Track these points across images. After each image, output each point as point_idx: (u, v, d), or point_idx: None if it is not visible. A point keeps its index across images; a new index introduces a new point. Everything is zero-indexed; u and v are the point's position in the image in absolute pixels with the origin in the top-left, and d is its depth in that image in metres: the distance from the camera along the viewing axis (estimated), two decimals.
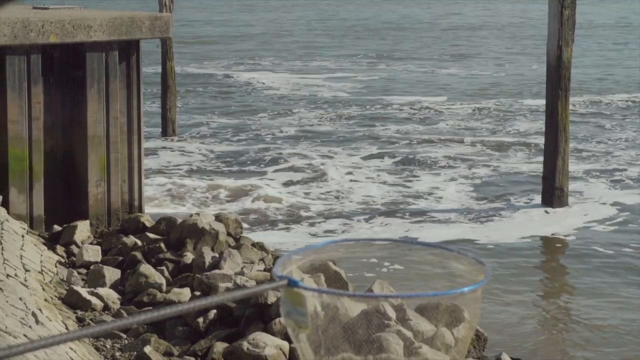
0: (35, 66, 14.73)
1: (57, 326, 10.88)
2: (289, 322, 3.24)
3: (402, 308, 10.97)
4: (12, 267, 12.06)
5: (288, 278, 3.23)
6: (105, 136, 15.28)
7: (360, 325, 3.82)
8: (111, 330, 4.25)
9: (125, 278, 12.93)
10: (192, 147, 24.82)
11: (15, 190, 14.67)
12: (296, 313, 3.23)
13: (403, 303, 10.99)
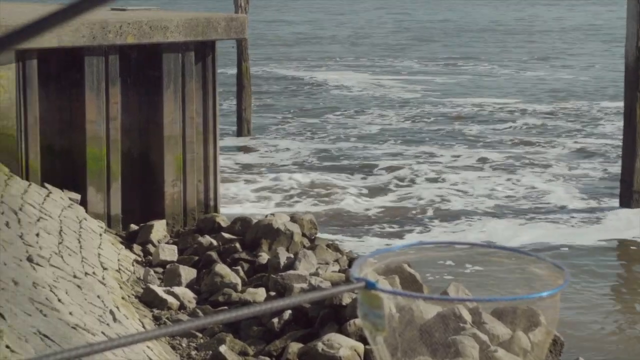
0: (113, 67, 14.89)
1: (133, 324, 10.98)
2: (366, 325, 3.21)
3: (478, 311, 10.89)
4: (90, 265, 12.21)
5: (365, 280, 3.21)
6: (181, 136, 15.39)
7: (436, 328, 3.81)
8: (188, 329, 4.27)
9: (200, 277, 13.02)
10: (267, 147, 24.91)
11: (93, 190, 14.85)
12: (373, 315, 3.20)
13: (478, 306, 10.91)
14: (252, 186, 20.87)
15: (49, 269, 10.90)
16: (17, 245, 11.07)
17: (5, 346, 6.95)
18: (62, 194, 14.23)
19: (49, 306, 9.48)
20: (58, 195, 14.07)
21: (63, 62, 14.67)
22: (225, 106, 28.30)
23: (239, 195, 20.10)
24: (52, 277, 10.69)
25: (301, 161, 23.48)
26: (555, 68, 41.84)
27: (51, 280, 10.56)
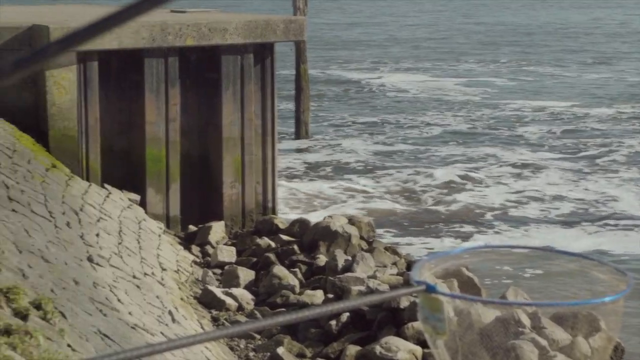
0: (172, 68, 14.98)
1: (192, 325, 11.03)
2: (426, 328, 3.19)
3: (537, 316, 10.78)
4: (149, 265, 12.29)
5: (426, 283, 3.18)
6: (240, 138, 15.43)
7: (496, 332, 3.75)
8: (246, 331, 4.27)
9: (259, 279, 13.04)
10: (325, 149, 24.90)
11: (152, 191, 14.95)
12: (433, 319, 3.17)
13: (537, 311, 10.80)
14: (309, 187, 20.88)
15: (108, 269, 10.99)
16: (78, 245, 11.17)
17: (66, 345, 7.01)
18: (122, 195, 14.34)
19: (109, 306, 9.55)
20: (118, 196, 14.18)
21: (123, 64, 14.78)
22: (283, 108, 28.37)
23: (298, 196, 20.11)
24: (112, 277, 10.77)
25: (360, 163, 23.43)
26: (618, 71, 41.36)
27: (111, 280, 10.64)
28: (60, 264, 9.86)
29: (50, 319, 7.24)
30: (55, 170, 13.35)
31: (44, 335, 6.63)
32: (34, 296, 7.48)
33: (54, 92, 14.17)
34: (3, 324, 6.22)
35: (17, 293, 6.97)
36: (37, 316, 7.06)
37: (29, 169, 12.26)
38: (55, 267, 9.57)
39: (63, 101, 14.22)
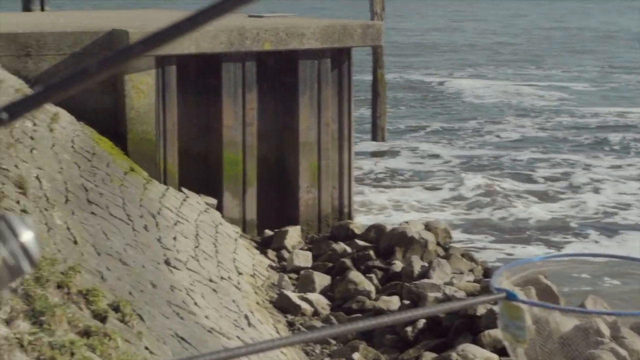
0: (250, 73, 15.04)
1: (268, 329, 11.04)
2: (506, 336, 3.14)
3: (617, 325, 10.59)
4: (225, 269, 12.34)
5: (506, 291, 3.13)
6: (316, 143, 15.44)
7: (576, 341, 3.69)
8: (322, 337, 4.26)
9: (334, 284, 13.02)
10: (401, 154, 24.81)
11: (229, 195, 15.02)
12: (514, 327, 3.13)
13: (617, 320, 10.61)
14: (386, 192, 20.80)
15: (185, 273, 11.05)
16: (155, 249, 11.25)
17: (144, 347, 7.05)
18: (199, 199, 14.42)
19: (186, 309, 9.60)
20: (195, 200, 14.27)
21: (201, 68, 14.88)
22: (359, 113, 28.31)
23: (373, 202, 20.04)
24: (189, 281, 10.82)
25: (438, 168, 23.29)
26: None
27: (188, 283, 10.70)
28: (137, 266, 9.94)
29: (128, 321, 7.29)
30: (133, 174, 13.48)
31: (122, 337, 6.68)
32: (113, 298, 7.54)
33: (133, 96, 14.31)
34: (83, 326, 6.27)
35: (96, 295, 7.03)
36: (115, 318, 7.12)
37: (108, 172, 12.39)
38: (133, 269, 9.64)
39: (142, 105, 14.36)
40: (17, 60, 14.13)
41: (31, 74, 14.12)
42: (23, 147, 10.78)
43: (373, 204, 19.84)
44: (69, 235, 9.18)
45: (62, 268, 7.30)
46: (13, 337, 5.53)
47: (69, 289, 6.98)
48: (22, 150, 10.65)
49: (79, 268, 7.63)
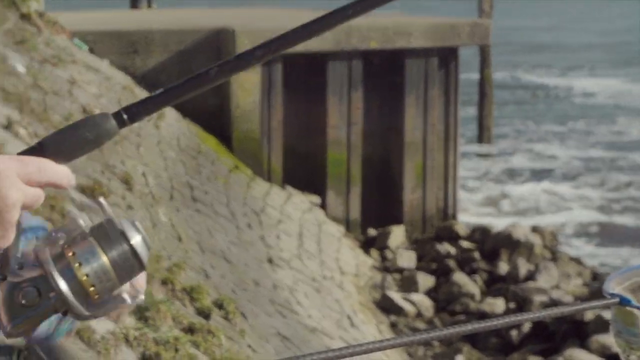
0: (356, 72, 14.96)
1: (370, 330, 10.96)
2: (619, 342, 2.99)
3: None
4: (328, 269, 12.28)
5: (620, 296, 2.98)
6: (422, 143, 15.29)
7: None
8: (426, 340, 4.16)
9: (438, 285, 12.87)
10: (508, 155, 24.48)
11: (333, 194, 14.97)
12: (628, 333, 2.97)
13: None
14: (491, 193, 20.54)
15: (288, 271, 11.03)
16: (258, 247, 11.26)
17: (247, 345, 7.03)
18: (303, 197, 14.41)
19: (289, 308, 9.57)
20: (298, 198, 14.25)
21: (307, 67, 14.85)
22: (465, 113, 28.00)
23: (479, 203, 19.81)
24: (292, 280, 10.80)
25: (545, 169, 22.90)
26: None
27: (290, 282, 10.67)
28: (241, 264, 9.95)
29: (231, 319, 7.27)
30: (238, 172, 13.52)
31: (226, 334, 6.66)
32: (216, 296, 7.54)
33: (239, 95, 14.36)
34: (187, 322, 6.27)
35: (200, 292, 7.03)
36: (219, 316, 7.11)
37: (213, 170, 12.45)
38: (236, 267, 9.65)
39: (247, 103, 14.40)
40: (124, 58, 14.30)
41: (138, 70, 14.27)
42: (129, 144, 10.89)
43: (478, 204, 19.61)
44: (174, 232, 9.22)
45: (167, 265, 7.32)
46: (119, 332, 5.55)
47: (174, 286, 6.99)
48: (129, 147, 10.76)
49: (183, 265, 7.65)
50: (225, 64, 1.40)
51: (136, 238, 1.32)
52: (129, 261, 1.31)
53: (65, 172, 1.32)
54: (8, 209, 1.25)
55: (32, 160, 1.29)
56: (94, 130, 1.34)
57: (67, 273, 1.29)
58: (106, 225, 1.32)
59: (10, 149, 7.61)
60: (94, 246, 1.30)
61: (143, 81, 13.97)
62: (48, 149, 1.31)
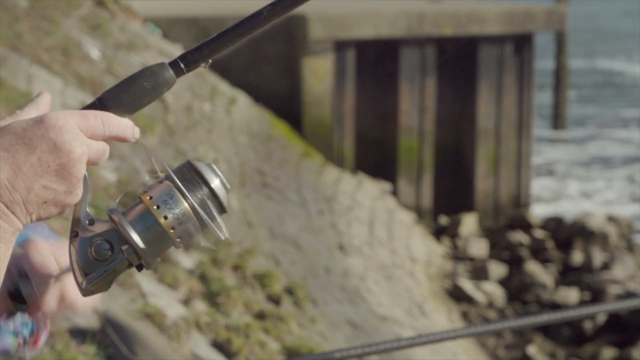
0: (428, 58, 14.83)
1: (441, 319, 10.86)
2: None
3: None
4: (399, 256, 12.21)
5: None
6: (495, 130, 15.12)
7: None
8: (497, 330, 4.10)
9: (510, 275, 12.72)
10: (583, 142, 24.13)
11: (404, 181, 14.87)
12: None
13: None
14: (565, 181, 20.26)
15: (359, 259, 10.97)
16: (329, 234, 11.22)
17: (317, 332, 6.99)
18: (374, 184, 14.33)
19: (359, 295, 9.51)
20: (369, 185, 14.18)
21: (379, 53, 14.75)
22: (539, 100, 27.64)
23: (553, 191, 19.55)
24: (362, 267, 10.74)
25: (621, 157, 22.52)
26: None
27: (361, 269, 10.62)
28: (311, 251, 9.91)
29: (302, 306, 7.24)
30: (309, 158, 13.49)
31: (296, 321, 6.63)
32: (287, 282, 7.51)
33: (310, 81, 14.32)
34: (257, 309, 6.25)
35: (271, 279, 7.01)
36: (289, 302, 7.08)
37: (284, 156, 12.43)
38: (306, 254, 9.62)
39: (318, 89, 14.35)
40: (196, 43, 14.25)
41: None
42: (201, 130, 10.91)
43: (553, 193, 19.35)
44: (245, 218, 9.22)
45: (238, 251, 7.31)
46: (191, 317, 5.54)
47: (245, 272, 6.98)
48: (201, 133, 10.78)
49: (254, 251, 7.63)
50: (278, 2, 1.37)
51: (215, 181, 1.29)
52: (208, 203, 1.28)
53: (129, 124, 1.29)
54: (74, 164, 1.23)
55: (94, 114, 1.26)
56: (152, 80, 1.30)
57: (145, 219, 1.27)
58: (184, 168, 1.30)
59: None
60: (172, 189, 1.28)
61: (215, 67, 13.99)
62: (108, 102, 1.28)
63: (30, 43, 9.22)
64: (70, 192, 1.24)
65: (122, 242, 1.26)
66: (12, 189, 1.21)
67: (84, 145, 1.24)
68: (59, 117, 1.23)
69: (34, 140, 1.21)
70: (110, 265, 1.27)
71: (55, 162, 1.22)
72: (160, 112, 10.27)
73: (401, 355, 7.85)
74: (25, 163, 1.22)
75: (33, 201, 1.23)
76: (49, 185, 1.22)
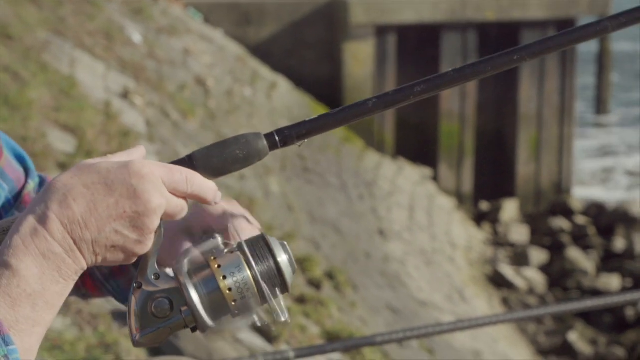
0: (470, 43, 14.75)
1: (481, 305, 10.84)
2: None
3: None
4: (439, 242, 12.18)
5: None
6: (536, 115, 15.03)
7: None
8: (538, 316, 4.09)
9: (551, 261, 12.65)
10: (626, 127, 23.92)
11: (444, 166, 14.83)
12: None
13: None
14: (608, 167, 20.10)
15: (399, 244, 10.97)
16: (369, 219, 11.21)
17: (357, 317, 7.00)
18: (414, 169, 14.30)
19: (399, 281, 9.51)
20: (410, 170, 14.15)
21: (420, 38, 14.70)
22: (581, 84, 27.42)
23: (596, 177, 19.41)
24: (402, 252, 10.74)
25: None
26: None
27: (401, 255, 10.61)
28: (352, 236, 9.92)
29: (342, 290, 7.25)
30: (349, 143, 13.48)
31: (337, 305, 6.64)
32: (327, 267, 7.52)
33: (351, 65, 14.30)
34: (298, 293, 6.26)
35: (312, 263, 7.02)
36: (329, 287, 7.09)
37: (324, 141, 12.43)
38: (347, 239, 9.62)
39: (359, 74, 14.33)
40: (238, 28, 14.35)
41: (251, 41, 14.31)
42: (242, 114, 10.93)
43: (594, 178, 19.21)
44: (285, 202, 9.23)
45: (279, 234, 7.33)
46: None
47: None
48: (242, 117, 10.80)
49: (295, 235, 7.65)
50: (384, 95, 1.39)
51: (283, 257, 1.30)
52: (273, 279, 1.29)
53: (213, 187, 1.29)
54: (148, 214, 1.22)
55: (180, 170, 1.26)
56: (246, 149, 1.32)
57: (209, 284, 1.27)
58: (255, 242, 1.30)
59: (127, 118, 7.69)
60: (241, 261, 1.28)
61: (256, 52, 14.02)
62: (197, 162, 1.29)
63: (73, 27, 9.28)
64: (140, 242, 1.24)
65: (183, 302, 1.27)
66: (84, 227, 1.21)
67: (163, 198, 1.24)
68: (144, 166, 1.23)
69: (115, 183, 1.21)
70: (167, 323, 1.28)
71: (131, 209, 1.22)
72: (201, 96, 10.30)
73: (441, 341, 7.84)
74: (102, 203, 1.21)
75: (102, 243, 1.22)
76: (121, 231, 1.22)
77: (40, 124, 6.34)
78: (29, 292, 1.19)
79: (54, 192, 1.21)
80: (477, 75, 1.42)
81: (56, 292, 1.21)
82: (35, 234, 1.20)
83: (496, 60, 1.45)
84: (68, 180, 1.22)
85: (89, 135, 6.59)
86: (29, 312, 1.19)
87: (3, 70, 6.99)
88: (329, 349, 3.38)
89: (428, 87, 1.41)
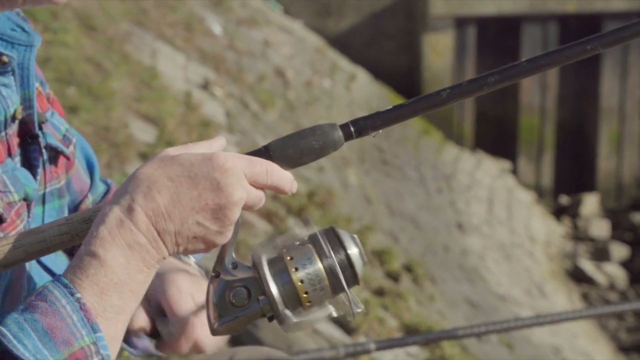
0: (551, 35, 14.57)
1: (561, 300, 10.71)
2: None
3: None
4: (518, 236, 12.07)
5: None
6: (618, 108, 14.80)
7: None
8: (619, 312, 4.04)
9: (633, 256, 12.46)
10: None
11: (524, 160, 14.68)
12: None
13: None
14: None
15: (477, 238, 10.88)
16: (448, 212, 11.14)
17: (436, 310, 6.96)
18: (493, 162, 14.18)
19: (477, 274, 9.44)
20: (489, 163, 14.04)
21: (500, 30, 14.55)
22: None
23: None
24: (481, 246, 10.65)
25: None
26: None
27: (480, 248, 10.53)
28: (430, 229, 9.87)
29: (420, 283, 7.21)
30: (428, 136, 13.41)
31: (415, 298, 6.60)
32: (405, 260, 7.49)
33: (430, 57, 14.22)
34: (377, 285, 6.24)
35: (390, 255, 6.99)
36: (408, 279, 7.06)
37: (403, 133, 12.38)
38: (425, 232, 9.58)
39: (438, 66, 14.24)
40: (317, 19, 14.36)
41: (331, 32, 14.31)
42: (321, 106, 10.93)
43: None
44: (364, 194, 9.21)
45: (357, 227, 7.31)
46: None
47: (364, 248, 6.98)
48: (320, 109, 10.80)
49: (373, 227, 7.63)
50: (458, 86, 1.39)
51: (353, 250, 1.32)
52: (344, 272, 1.30)
53: (289, 177, 1.32)
54: (230, 207, 1.25)
55: (260, 162, 1.29)
56: (321, 139, 1.33)
57: (282, 276, 1.29)
58: (326, 234, 1.32)
59: (207, 109, 7.74)
60: (312, 253, 1.30)
61: (335, 43, 14.01)
62: (274, 152, 1.31)
63: (154, 19, 9.35)
64: (221, 233, 1.27)
65: (261, 291, 1.29)
66: (167, 218, 1.24)
67: (244, 190, 1.27)
68: (228, 159, 1.26)
69: (199, 176, 1.24)
70: (244, 312, 1.30)
71: (214, 202, 1.25)
72: (280, 87, 10.32)
73: (520, 336, 7.77)
74: (185, 196, 1.24)
75: (184, 234, 1.25)
76: (203, 223, 1.25)
77: (122, 114, 6.40)
78: (115, 281, 1.22)
79: (138, 184, 1.24)
80: (550, 66, 1.40)
81: (140, 280, 1.24)
82: (121, 225, 1.23)
83: (569, 50, 1.41)
84: (152, 172, 1.25)
85: (170, 125, 6.64)
86: (116, 301, 1.23)
87: (86, 61, 7.08)
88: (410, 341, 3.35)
89: (502, 77, 1.42)
